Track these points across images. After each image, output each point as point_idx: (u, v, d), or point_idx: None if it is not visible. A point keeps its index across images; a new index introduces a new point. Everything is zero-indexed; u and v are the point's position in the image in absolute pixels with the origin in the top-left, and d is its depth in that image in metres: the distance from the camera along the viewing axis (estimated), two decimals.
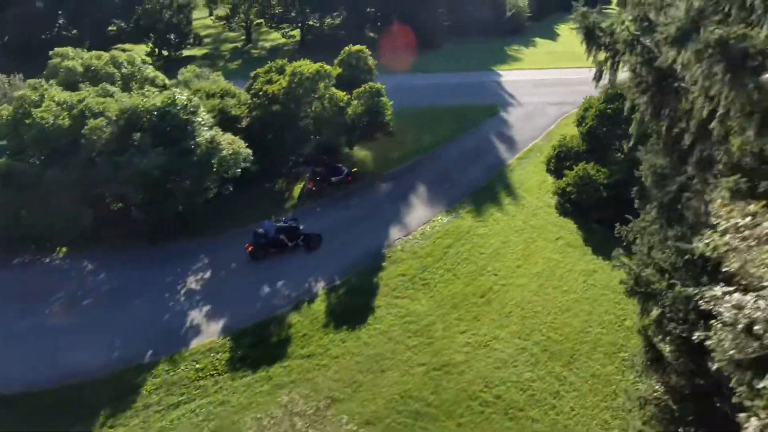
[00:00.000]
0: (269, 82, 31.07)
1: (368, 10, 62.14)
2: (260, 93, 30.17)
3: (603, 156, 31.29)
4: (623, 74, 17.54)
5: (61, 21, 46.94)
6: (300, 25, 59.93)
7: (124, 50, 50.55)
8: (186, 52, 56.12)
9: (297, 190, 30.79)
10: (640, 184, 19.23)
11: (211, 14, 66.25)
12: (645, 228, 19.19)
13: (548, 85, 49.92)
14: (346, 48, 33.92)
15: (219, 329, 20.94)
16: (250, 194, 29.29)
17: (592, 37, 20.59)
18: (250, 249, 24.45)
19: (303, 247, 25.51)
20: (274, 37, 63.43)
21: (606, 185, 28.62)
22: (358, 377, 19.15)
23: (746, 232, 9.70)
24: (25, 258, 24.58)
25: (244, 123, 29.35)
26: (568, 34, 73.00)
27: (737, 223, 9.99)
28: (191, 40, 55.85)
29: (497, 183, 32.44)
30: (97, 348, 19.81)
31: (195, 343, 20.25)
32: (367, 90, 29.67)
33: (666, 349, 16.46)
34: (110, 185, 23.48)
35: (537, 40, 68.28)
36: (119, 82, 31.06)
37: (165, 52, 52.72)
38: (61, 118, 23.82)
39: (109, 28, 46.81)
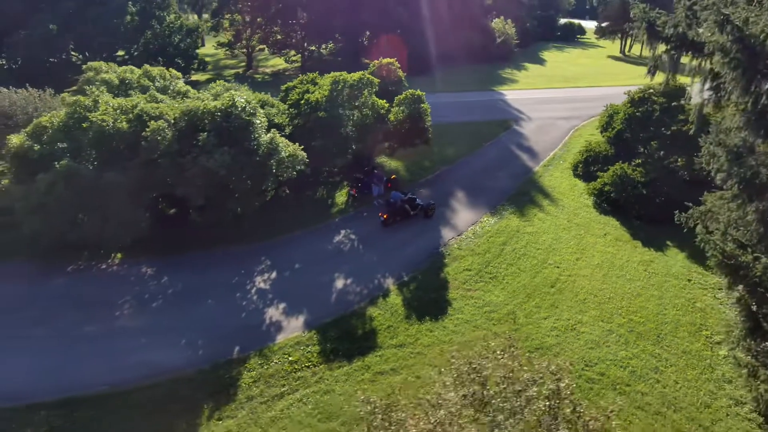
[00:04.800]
0: (306, 92, 31.30)
1: (361, 39, 63.67)
2: (300, 102, 30.31)
3: (629, 158, 32.41)
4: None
5: (71, 45, 46.27)
6: (301, 51, 60.82)
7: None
8: (192, 77, 56.05)
9: (339, 197, 30.64)
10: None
11: (217, 32, 66.26)
12: (721, 207, 19.94)
13: (550, 102, 51.75)
14: (376, 61, 34.46)
15: (300, 325, 20.31)
16: (294, 202, 29.11)
17: (653, 31, 21.70)
18: (384, 216, 27.48)
19: (421, 215, 28.52)
20: (274, 63, 64.16)
21: (644, 183, 29.56)
22: None
23: None
24: (79, 264, 23.48)
25: (287, 131, 29.29)
26: (555, 59, 76.40)
27: None
28: (196, 65, 55.83)
29: (530, 188, 33.03)
30: (177, 347, 18.88)
31: (281, 338, 19.56)
32: (408, 96, 30.10)
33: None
34: (173, 187, 22.99)
35: (527, 64, 71.08)
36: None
37: None
38: (119, 121, 23.34)
39: (117, 53, 46.21)
